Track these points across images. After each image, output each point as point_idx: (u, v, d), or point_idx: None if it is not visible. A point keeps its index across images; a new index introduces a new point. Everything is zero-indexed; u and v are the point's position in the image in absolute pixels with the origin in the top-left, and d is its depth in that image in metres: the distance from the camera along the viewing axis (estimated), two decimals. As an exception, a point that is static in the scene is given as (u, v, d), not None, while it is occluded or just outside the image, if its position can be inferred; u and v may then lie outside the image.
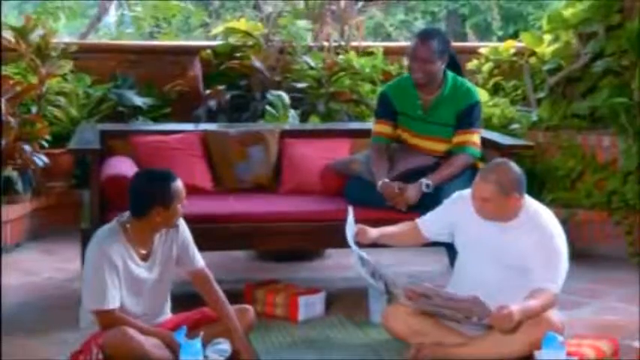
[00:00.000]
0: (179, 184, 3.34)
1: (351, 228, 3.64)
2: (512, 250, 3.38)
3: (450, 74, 4.27)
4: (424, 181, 4.09)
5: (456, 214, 3.54)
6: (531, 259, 3.34)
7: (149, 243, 3.39)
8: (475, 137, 4.23)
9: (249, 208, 4.26)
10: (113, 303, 3.26)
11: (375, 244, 3.69)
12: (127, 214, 3.38)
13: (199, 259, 3.53)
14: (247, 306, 3.56)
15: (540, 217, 3.43)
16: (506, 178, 3.36)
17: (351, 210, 3.69)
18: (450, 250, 3.82)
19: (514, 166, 3.45)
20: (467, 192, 3.50)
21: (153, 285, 3.40)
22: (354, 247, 3.59)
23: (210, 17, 10.31)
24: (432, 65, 4.17)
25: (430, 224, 3.64)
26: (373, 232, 3.65)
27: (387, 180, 4.12)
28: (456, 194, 3.62)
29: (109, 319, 3.26)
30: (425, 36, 4.24)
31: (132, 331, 3.21)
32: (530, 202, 3.46)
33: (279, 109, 5.76)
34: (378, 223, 3.76)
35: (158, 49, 7.00)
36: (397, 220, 3.93)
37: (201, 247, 3.70)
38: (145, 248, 3.38)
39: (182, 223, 3.48)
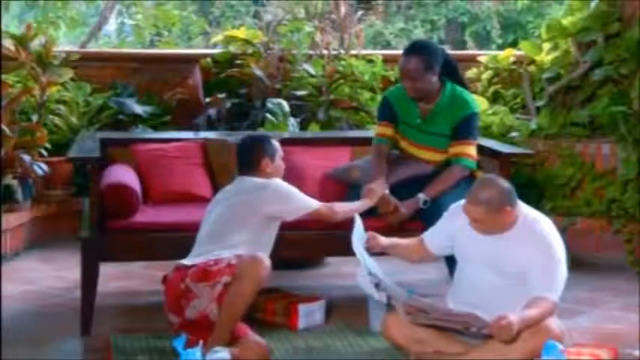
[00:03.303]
0: (276, 142, 3.91)
1: (358, 236, 3.62)
2: (510, 258, 3.38)
3: (449, 84, 4.26)
4: (422, 197, 4.08)
5: (454, 225, 3.54)
6: (530, 268, 3.34)
7: None
8: (470, 149, 4.21)
9: (249, 216, 4.25)
10: (315, 202, 3.85)
11: (383, 253, 3.68)
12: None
13: None
14: (262, 342, 3.56)
15: (538, 225, 3.43)
16: (494, 196, 3.35)
17: (358, 218, 3.68)
18: (450, 259, 3.81)
19: (499, 181, 3.43)
20: (463, 202, 3.50)
21: None
22: (362, 254, 3.57)
23: (210, 25, 10.35)
24: (421, 81, 4.14)
25: (433, 238, 3.63)
26: (384, 240, 3.65)
27: (387, 192, 4.11)
28: (453, 205, 3.61)
29: (324, 210, 3.85)
30: (410, 53, 4.17)
31: (266, 259, 3.53)
32: (527, 211, 3.46)
33: (278, 117, 5.77)
34: (377, 232, 3.75)
35: (158, 58, 7.02)
36: (396, 229, 3.93)
37: (201, 256, 3.70)
38: None
39: None
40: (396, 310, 3.48)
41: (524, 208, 3.45)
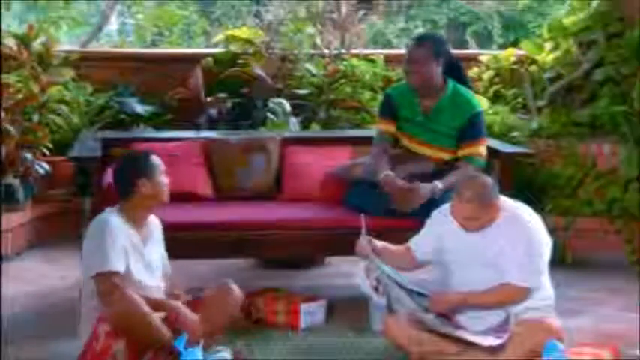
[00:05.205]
0: (156, 157, 3.54)
1: (365, 236, 3.63)
2: (496, 251, 3.41)
3: (451, 82, 4.28)
4: (439, 185, 4.09)
5: (439, 228, 3.56)
6: (507, 255, 3.37)
7: (145, 226, 3.49)
8: (480, 148, 4.23)
9: (249, 215, 4.26)
10: (115, 266, 3.27)
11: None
12: (118, 205, 3.49)
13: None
14: (232, 285, 3.52)
15: (518, 213, 3.48)
16: (484, 191, 3.41)
17: (363, 218, 3.67)
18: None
19: (482, 176, 3.52)
20: (446, 207, 3.54)
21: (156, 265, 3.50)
22: (370, 254, 3.57)
23: (212, 25, 10.35)
24: (427, 67, 4.18)
25: (419, 245, 3.64)
26: (378, 244, 3.66)
27: (390, 173, 4.12)
28: (435, 212, 3.64)
29: (110, 283, 3.25)
30: (419, 39, 4.31)
31: (133, 295, 3.20)
32: (505, 201, 3.50)
33: (280, 117, 5.78)
34: (378, 231, 3.75)
35: (159, 57, 7.03)
36: (397, 228, 3.94)
37: (202, 255, 3.71)
38: (141, 230, 3.47)
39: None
40: (396, 312, 3.49)
41: (502, 199, 3.48)
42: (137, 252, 3.41)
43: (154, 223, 3.59)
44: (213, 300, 3.47)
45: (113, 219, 3.39)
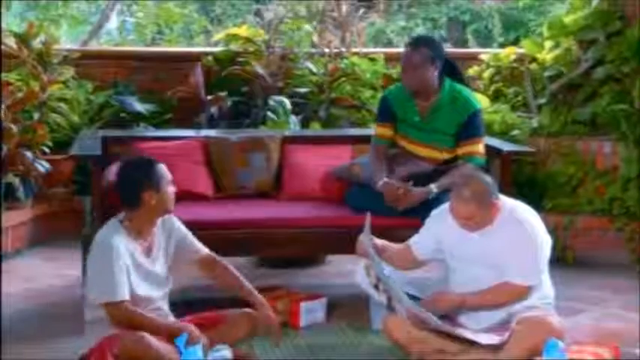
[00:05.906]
0: (162, 166, 3.40)
1: (367, 236, 3.62)
2: (499, 250, 3.41)
3: (448, 81, 4.27)
4: (434, 189, 4.09)
5: (438, 227, 3.56)
6: (507, 255, 3.37)
7: (149, 235, 3.40)
8: (479, 146, 4.23)
9: (250, 214, 4.26)
10: (122, 295, 3.23)
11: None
12: (122, 214, 3.40)
13: (203, 247, 3.55)
14: (251, 311, 3.51)
15: (517, 212, 3.47)
16: (482, 191, 3.40)
17: (368, 217, 3.66)
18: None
19: (481, 175, 3.52)
20: (445, 206, 3.53)
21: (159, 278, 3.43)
22: (372, 255, 3.56)
23: (212, 24, 10.35)
24: (423, 72, 4.18)
25: (420, 244, 3.64)
26: (378, 243, 3.66)
27: (387, 180, 4.13)
28: (435, 211, 3.64)
29: (119, 312, 3.22)
30: (415, 43, 4.28)
31: (152, 340, 3.15)
32: (504, 200, 3.50)
33: (280, 115, 5.78)
34: (378, 230, 3.75)
35: (160, 56, 7.02)
36: (398, 227, 3.93)
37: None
38: (146, 241, 3.38)
39: (176, 219, 3.51)
40: (396, 311, 3.49)
41: (502, 198, 3.48)
42: (139, 267, 3.33)
43: (163, 225, 3.45)
44: (233, 322, 3.45)
45: (117, 239, 3.29)
